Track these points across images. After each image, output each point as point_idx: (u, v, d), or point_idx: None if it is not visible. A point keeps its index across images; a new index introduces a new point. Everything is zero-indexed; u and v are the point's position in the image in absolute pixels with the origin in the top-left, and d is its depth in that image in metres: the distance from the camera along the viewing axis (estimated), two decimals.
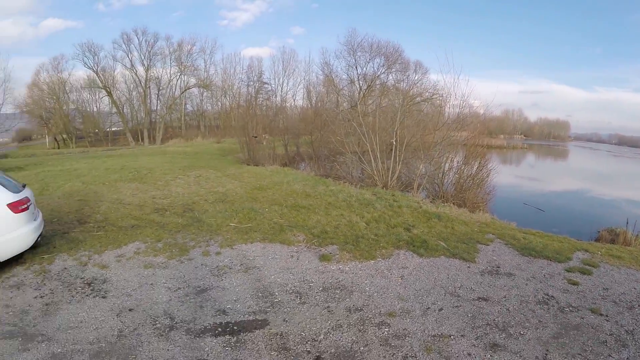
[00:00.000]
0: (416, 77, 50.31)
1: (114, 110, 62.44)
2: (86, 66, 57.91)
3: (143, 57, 59.93)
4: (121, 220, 9.30)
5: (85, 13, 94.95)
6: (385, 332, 4.45)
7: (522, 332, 4.52)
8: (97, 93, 61.77)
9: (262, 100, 59.88)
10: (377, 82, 52.54)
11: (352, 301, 5.18)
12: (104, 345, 4.42)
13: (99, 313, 5.12)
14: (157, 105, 63.69)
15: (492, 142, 40.58)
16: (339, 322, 4.68)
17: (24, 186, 7.09)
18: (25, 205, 6.44)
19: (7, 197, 6.24)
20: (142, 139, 59.51)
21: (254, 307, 5.17)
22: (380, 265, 6.26)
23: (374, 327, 4.54)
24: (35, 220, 6.81)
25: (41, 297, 5.64)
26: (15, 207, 6.23)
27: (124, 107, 62.40)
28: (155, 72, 61.28)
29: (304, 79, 66.62)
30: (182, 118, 65.87)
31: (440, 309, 4.95)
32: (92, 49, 56.91)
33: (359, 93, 51.53)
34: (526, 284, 5.82)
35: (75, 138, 61.85)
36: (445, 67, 21.68)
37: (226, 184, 14.47)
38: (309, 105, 50.32)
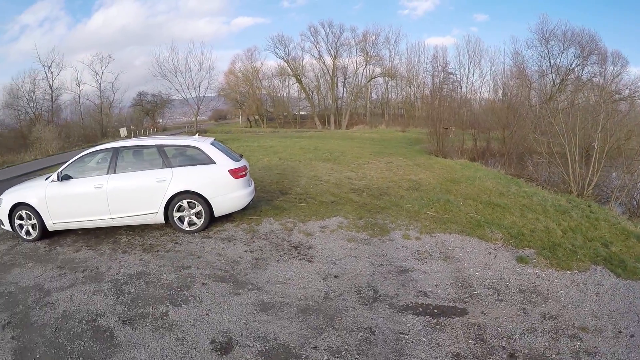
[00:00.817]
0: (615, 70, 45.73)
1: (303, 96, 69.61)
2: (277, 56, 67.31)
3: (330, 48, 65.60)
4: (321, 195, 10.38)
5: (271, 10, 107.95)
6: (577, 346, 4.37)
7: None
8: (287, 80, 69.74)
9: (448, 91, 59.13)
10: (571, 75, 48.57)
11: (547, 308, 5.12)
12: (311, 303, 5.07)
13: (306, 274, 5.86)
14: (343, 92, 68.54)
15: None
16: (533, 326, 4.69)
17: (241, 156, 8.66)
18: (243, 173, 7.94)
19: (229, 164, 7.77)
20: (329, 124, 64.35)
21: (454, 294, 5.36)
22: (576, 278, 6.00)
23: (566, 338, 4.48)
24: (249, 186, 8.31)
25: (251, 252, 6.71)
26: (235, 173, 7.73)
27: (313, 93, 68.44)
28: (341, 61, 66.45)
29: (491, 69, 63.84)
30: (367, 105, 69.10)
31: (632, 336, 4.61)
32: (282, 41, 65.17)
33: (553, 87, 47.64)
34: None
35: (266, 119, 70.99)
36: None
37: (418, 172, 14.82)
38: (497, 98, 48.54)
